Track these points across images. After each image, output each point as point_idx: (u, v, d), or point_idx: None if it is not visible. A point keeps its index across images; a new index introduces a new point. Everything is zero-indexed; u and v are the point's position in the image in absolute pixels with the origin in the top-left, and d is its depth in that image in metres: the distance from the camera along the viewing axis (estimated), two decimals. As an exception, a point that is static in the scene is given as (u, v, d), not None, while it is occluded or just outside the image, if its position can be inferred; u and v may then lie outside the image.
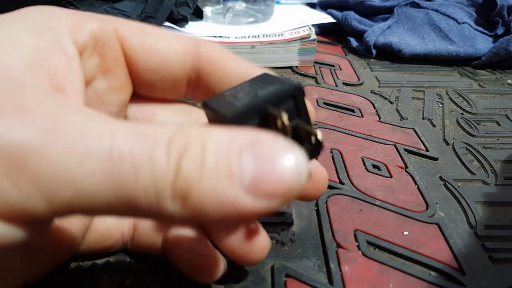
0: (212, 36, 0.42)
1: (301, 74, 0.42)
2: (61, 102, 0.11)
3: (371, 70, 0.45)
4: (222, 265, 0.17)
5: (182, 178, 0.10)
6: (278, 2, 0.55)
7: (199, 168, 0.10)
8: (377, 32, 0.48)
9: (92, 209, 0.10)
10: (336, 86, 0.40)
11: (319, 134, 0.14)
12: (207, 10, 0.47)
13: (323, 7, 0.58)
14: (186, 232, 0.17)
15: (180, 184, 0.10)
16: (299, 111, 0.14)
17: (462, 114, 0.36)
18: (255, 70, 0.16)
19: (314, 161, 0.16)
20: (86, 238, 0.18)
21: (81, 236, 0.17)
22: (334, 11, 0.55)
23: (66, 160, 0.09)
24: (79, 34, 0.14)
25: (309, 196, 0.17)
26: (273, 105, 0.13)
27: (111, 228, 0.18)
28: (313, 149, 0.14)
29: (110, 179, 0.10)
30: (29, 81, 0.11)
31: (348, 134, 0.31)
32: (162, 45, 0.15)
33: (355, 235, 0.21)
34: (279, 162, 0.10)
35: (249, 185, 0.10)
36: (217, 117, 0.14)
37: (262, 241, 0.16)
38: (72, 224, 0.17)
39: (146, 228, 0.18)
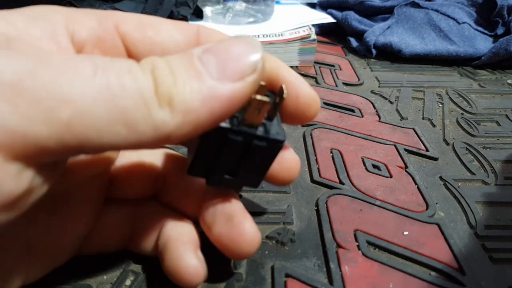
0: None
1: (301, 74, 0.42)
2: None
3: (371, 70, 0.45)
4: (202, 274, 0.16)
5: (161, 87, 0.12)
6: (278, 2, 0.55)
7: (170, 75, 0.12)
8: (377, 32, 0.48)
9: (95, 132, 0.11)
10: (336, 86, 0.40)
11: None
12: (207, 10, 0.47)
13: (323, 7, 0.58)
14: (174, 234, 0.17)
15: (161, 91, 0.11)
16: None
17: (462, 114, 0.36)
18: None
19: (288, 148, 0.18)
20: (87, 240, 0.18)
21: (82, 237, 0.17)
22: (334, 11, 0.55)
23: (59, 81, 0.10)
24: (77, 29, 0.14)
25: (282, 180, 0.18)
26: None
27: (112, 230, 0.18)
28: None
29: (101, 94, 0.11)
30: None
31: (348, 134, 0.31)
32: (163, 37, 0.16)
33: (355, 235, 0.21)
34: (233, 48, 0.13)
35: (218, 75, 0.12)
36: None
37: (251, 232, 0.16)
38: (74, 227, 0.17)
39: (144, 230, 0.18)
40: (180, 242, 0.17)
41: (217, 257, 0.17)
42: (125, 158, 0.19)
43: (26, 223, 0.15)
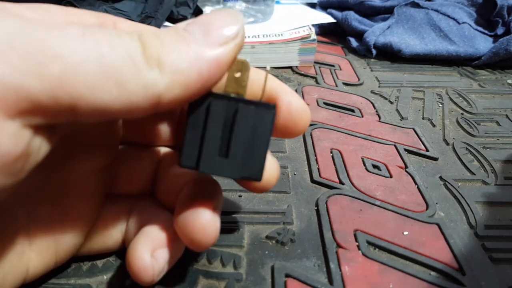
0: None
1: (301, 74, 0.42)
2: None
3: (371, 70, 0.45)
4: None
5: (149, 49, 0.12)
6: (278, 2, 0.55)
7: (157, 39, 0.12)
8: (377, 32, 0.48)
9: (87, 89, 0.11)
10: (336, 86, 0.40)
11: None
12: (207, 10, 0.47)
13: (323, 7, 0.58)
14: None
15: (149, 53, 0.12)
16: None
17: (462, 114, 0.36)
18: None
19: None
20: (87, 239, 0.18)
21: (83, 234, 0.17)
22: (334, 11, 0.55)
23: (49, 39, 0.11)
24: (77, 21, 0.15)
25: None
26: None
27: (111, 228, 0.18)
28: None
29: (91, 52, 0.11)
30: None
31: (348, 134, 0.31)
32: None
33: (355, 235, 0.21)
34: (216, 17, 0.13)
35: (203, 40, 0.13)
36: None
37: (205, 218, 0.15)
38: (75, 222, 0.17)
39: (138, 227, 0.18)
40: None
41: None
42: (125, 154, 0.19)
43: (27, 215, 0.15)
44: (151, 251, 0.16)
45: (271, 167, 0.17)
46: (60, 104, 0.11)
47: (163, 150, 0.20)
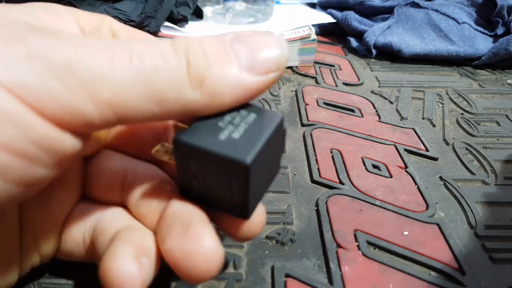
0: (212, 36, 0.42)
1: (301, 74, 0.42)
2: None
3: (371, 70, 0.45)
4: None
5: (193, 68, 0.12)
6: (278, 2, 0.55)
7: (204, 59, 0.13)
8: (377, 32, 0.48)
9: (131, 109, 0.12)
10: (336, 86, 0.40)
11: None
12: (207, 10, 0.47)
13: (323, 7, 0.58)
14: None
15: (193, 72, 0.12)
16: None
17: (462, 114, 0.36)
18: None
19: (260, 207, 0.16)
20: (61, 233, 0.17)
21: (60, 223, 0.17)
22: (334, 11, 0.55)
23: (101, 65, 0.12)
24: (83, 23, 0.16)
25: (240, 237, 0.16)
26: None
27: (73, 227, 0.17)
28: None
29: (137, 77, 0.12)
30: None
31: (348, 134, 0.31)
32: (148, 38, 0.18)
33: (355, 235, 0.21)
34: (264, 42, 0.14)
35: (247, 65, 0.13)
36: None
37: (209, 246, 0.13)
38: (53, 208, 0.16)
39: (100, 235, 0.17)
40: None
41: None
42: (92, 164, 0.18)
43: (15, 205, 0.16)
44: (134, 258, 0.14)
45: (260, 212, 0.16)
46: (108, 121, 0.12)
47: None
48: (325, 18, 0.51)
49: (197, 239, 0.13)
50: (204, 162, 0.13)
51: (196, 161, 0.13)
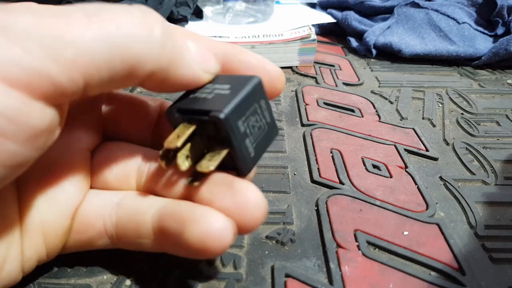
0: (212, 36, 0.42)
1: (301, 74, 0.42)
2: None
3: (371, 70, 0.45)
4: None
5: (157, 31, 0.14)
6: (278, 2, 0.55)
7: (166, 28, 0.14)
8: (377, 32, 0.48)
9: (96, 67, 0.12)
10: (336, 86, 0.40)
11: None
12: (207, 10, 0.47)
13: (323, 7, 0.58)
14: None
15: (156, 33, 0.14)
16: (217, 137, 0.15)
17: (462, 114, 0.36)
18: (212, 45, 0.17)
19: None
20: (71, 227, 0.17)
21: (68, 216, 0.17)
22: (334, 11, 0.55)
23: (60, 28, 0.12)
24: None
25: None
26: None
27: (92, 216, 0.17)
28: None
29: (96, 33, 0.12)
30: None
31: (348, 134, 0.31)
32: None
33: (355, 235, 0.21)
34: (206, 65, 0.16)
35: (198, 55, 0.16)
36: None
37: (255, 196, 0.15)
38: (59, 200, 0.16)
39: (128, 216, 0.17)
40: None
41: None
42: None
43: (17, 193, 0.16)
44: (222, 215, 0.14)
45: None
46: (76, 84, 0.12)
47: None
48: (325, 18, 0.51)
49: (243, 191, 0.15)
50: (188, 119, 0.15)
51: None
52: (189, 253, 0.15)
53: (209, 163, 0.15)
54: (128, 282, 0.18)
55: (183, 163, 0.15)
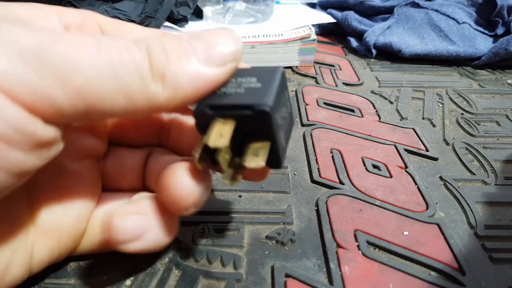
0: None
1: (301, 74, 0.42)
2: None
3: (371, 70, 0.45)
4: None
5: (155, 63, 0.13)
6: (278, 2, 0.55)
7: (164, 54, 0.14)
8: (377, 32, 0.48)
9: (100, 99, 0.13)
10: (336, 86, 0.40)
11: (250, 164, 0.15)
12: (207, 10, 0.47)
13: (323, 7, 0.58)
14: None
15: (155, 67, 0.13)
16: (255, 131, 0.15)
17: (462, 114, 0.36)
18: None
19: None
20: (87, 230, 0.18)
21: (83, 220, 0.17)
22: (334, 11, 0.55)
23: (71, 53, 0.12)
24: (64, 15, 0.16)
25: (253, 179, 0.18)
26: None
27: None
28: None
29: (105, 67, 0.12)
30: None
31: (348, 134, 0.31)
32: (136, 29, 0.18)
33: (355, 235, 0.21)
34: (219, 38, 0.15)
35: (204, 57, 0.14)
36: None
37: (182, 179, 0.15)
38: (74, 206, 0.17)
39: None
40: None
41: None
42: (115, 151, 0.20)
43: (29, 198, 0.16)
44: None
45: None
46: (77, 111, 0.12)
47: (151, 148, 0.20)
48: (325, 18, 0.51)
49: (175, 172, 0.16)
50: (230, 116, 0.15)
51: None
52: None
53: (258, 159, 0.15)
54: (128, 282, 0.18)
55: (225, 163, 0.15)
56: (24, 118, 0.12)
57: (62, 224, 0.17)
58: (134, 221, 0.16)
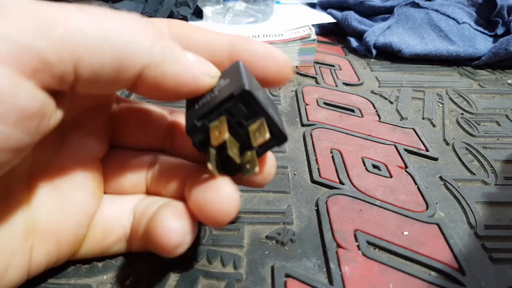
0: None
1: (301, 74, 0.42)
2: None
3: (371, 70, 0.45)
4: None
5: (149, 28, 0.14)
6: (278, 2, 0.55)
7: (158, 33, 0.14)
8: (377, 32, 0.48)
9: (85, 50, 0.12)
10: (336, 86, 0.40)
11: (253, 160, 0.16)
12: (207, 10, 0.47)
13: (323, 7, 0.58)
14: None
15: (149, 30, 0.14)
16: (250, 113, 0.15)
17: (462, 114, 0.36)
18: (218, 37, 0.17)
19: (269, 154, 0.18)
20: (88, 235, 0.18)
21: (84, 224, 0.17)
22: (334, 11, 0.55)
23: (52, 8, 0.12)
24: None
25: (257, 183, 0.18)
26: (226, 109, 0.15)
27: (112, 223, 0.18)
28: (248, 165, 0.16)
29: (88, 18, 0.13)
30: None
31: (348, 134, 0.31)
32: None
33: (355, 235, 0.21)
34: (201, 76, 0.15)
35: (196, 61, 0.15)
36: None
37: (226, 190, 0.15)
38: (75, 209, 0.17)
39: (143, 218, 0.18)
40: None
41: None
42: (119, 154, 0.19)
43: (28, 199, 0.16)
44: (175, 217, 0.16)
45: (270, 161, 0.18)
46: (65, 64, 0.12)
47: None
48: (325, 18, 0.51)
49: (213, 185, 0.16)
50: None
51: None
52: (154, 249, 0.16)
53: (262, 135, 0.15)
54: (128, 282, 0.18)
55: (237, 155, 0.15)
56: (9, 81, 0.11)
57: (61, 227, 0.16)
58: (188, 224, 0.16)
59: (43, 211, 0.16)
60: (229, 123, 0.15)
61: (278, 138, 0.16)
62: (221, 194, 0.15)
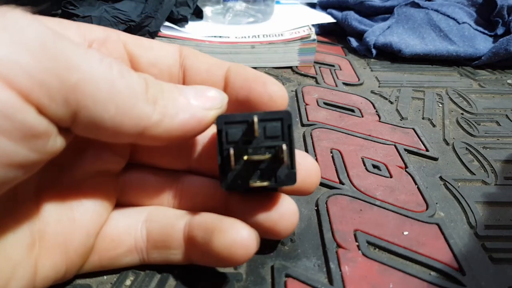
0: (212, 36, 0.42)
1: (301, 74, 0.42)
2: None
3: (371, 70, 0.45)
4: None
5: (150, 88, 0.15)
6: (278, 2, 0.55)
7: (160, 88, 0.15)
8: (377, 32, 0.48)
9: (91, 101, 0.13)
10: (336, 86, 0.40)
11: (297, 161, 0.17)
12: (207, 10, 0.47)
13: (323, 7, 0.58)
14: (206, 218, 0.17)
15: (150, 92, 0.14)
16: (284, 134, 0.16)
17: (462, 114, 0.36)
18: (221, 65, 0.18)
19: (307, 156, 0.18)
20: (96, 246, 0.17)
21: (92, 235, 0.17)
22: (334, 11, 0.55)
23: (74, 52, 0.13)
24: (88, 31, 0.17)
25: (303, 191, 0.19)
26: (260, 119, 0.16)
27: (121, 233, 0.18)
28: (288, 174, 0.16)
29: (104, 74, 0.13)
30: None
31: (348, 134, 0.31)
32: (155, 45, 0.19)
33: (355, 235, 0.21)
34: (208, 89, 0.17)
35: (195, 97, 0.16)
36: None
37: (288, 208, 0.17)
38: (83, 219, 0.17)
39: (158, 229, 0.18)
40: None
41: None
42: (140, 172, 0.19)
43: (36, 211, 0.16)
44: (244, 226, 0.16)
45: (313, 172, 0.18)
46: (66, 107, 0.13)
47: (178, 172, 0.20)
48: (325, 18, 0.51)
49: (277, 207, 0.17)
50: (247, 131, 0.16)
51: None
52: (216, 261, 0.17)
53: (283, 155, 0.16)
54: (128, 282, 0.18)
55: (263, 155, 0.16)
56: (16, 103, 0.12)
57: (70, 238, 0.16)
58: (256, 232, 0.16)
59: (51, 222, 0.16)
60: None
61: (292, 166, 0.17)
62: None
